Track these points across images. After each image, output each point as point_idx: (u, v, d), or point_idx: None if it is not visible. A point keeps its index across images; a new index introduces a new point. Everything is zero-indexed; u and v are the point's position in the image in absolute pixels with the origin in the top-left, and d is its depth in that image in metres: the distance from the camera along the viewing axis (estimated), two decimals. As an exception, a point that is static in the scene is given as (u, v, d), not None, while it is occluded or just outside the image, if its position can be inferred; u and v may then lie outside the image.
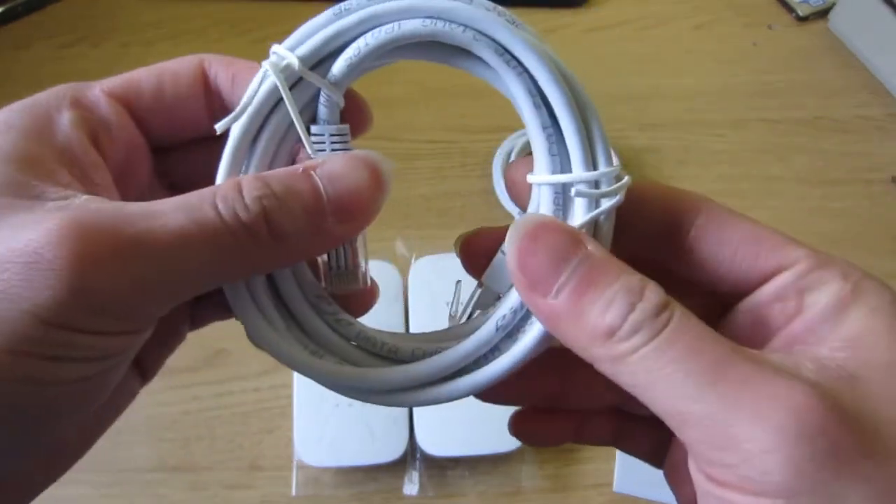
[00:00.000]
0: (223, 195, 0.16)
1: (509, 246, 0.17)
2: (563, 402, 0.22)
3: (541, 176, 0.19)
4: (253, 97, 0.18)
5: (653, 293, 0.15)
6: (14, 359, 0.14)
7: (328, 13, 0.19)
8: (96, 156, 0.18)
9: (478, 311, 0.22)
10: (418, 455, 0.43)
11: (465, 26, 0.18)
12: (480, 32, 0.18)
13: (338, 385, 0.20)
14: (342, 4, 0.19)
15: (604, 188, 0.18)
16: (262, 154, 0.19)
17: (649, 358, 0.15)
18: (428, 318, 0.44)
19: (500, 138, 0.57)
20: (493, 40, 0.19)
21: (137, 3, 0.70)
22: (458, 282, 0.22)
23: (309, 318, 0.20)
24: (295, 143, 0.20)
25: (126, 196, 0.19)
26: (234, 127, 0.19)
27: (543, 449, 0.44)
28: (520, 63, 0.19)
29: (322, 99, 0.19)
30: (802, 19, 0.69)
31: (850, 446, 0.13)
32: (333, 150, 0.20)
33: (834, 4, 0.68)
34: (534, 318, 0.19)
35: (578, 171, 0.18)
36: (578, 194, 0.18)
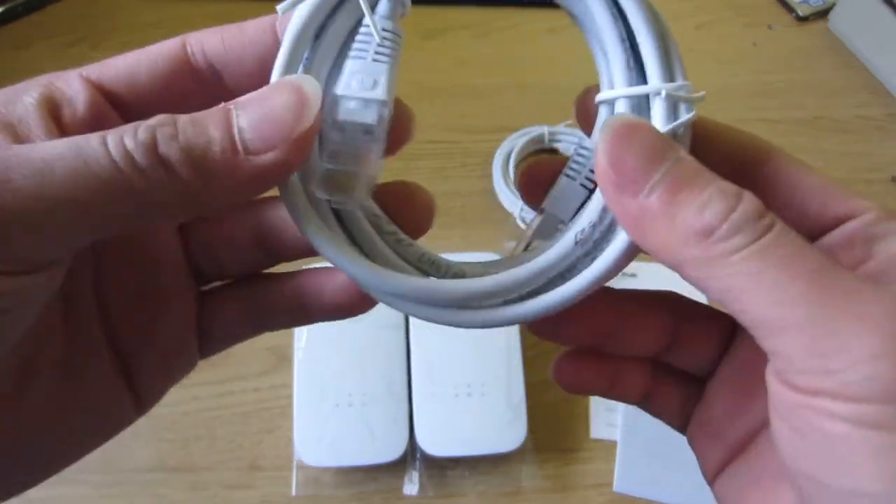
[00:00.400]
0: (117, 129, 0.14)
1: (600, 143, 0.16)
2: (610, 343, 0.21)
3: (618, 90, 0.18)
4: None
5: (751, 198, 0.15)
6: None
7: None
8: (45, 126, 0.17)
9: (537, 242, 0.20)
10: (418, 455, 0.43)
11: None
12: None
13: (400, 297, 0.18)
14: None
15: (684, 95, 0.18)
16: (325, 52, 0.18)
17: (752, 259, 0.14)
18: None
19: (500, 138, 0.57)
20: None
21: (137, 3, 0.70)
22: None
23: (369, 236, 0.19)
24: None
25: None
26: (290, 21, 0.18)
27: (543, 449, 0.44)
28: None
29: None
30: (802, 19, 0.69)
31: None
32: (381, 47, 0.19)
33: (834, 4, 0.68)
34: (614, 234, 0.18)
35: (656, 81, 0.18)
36: (664, 99, 0.17)
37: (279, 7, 0.18)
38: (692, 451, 0.21)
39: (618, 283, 0.22)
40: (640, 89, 0.18)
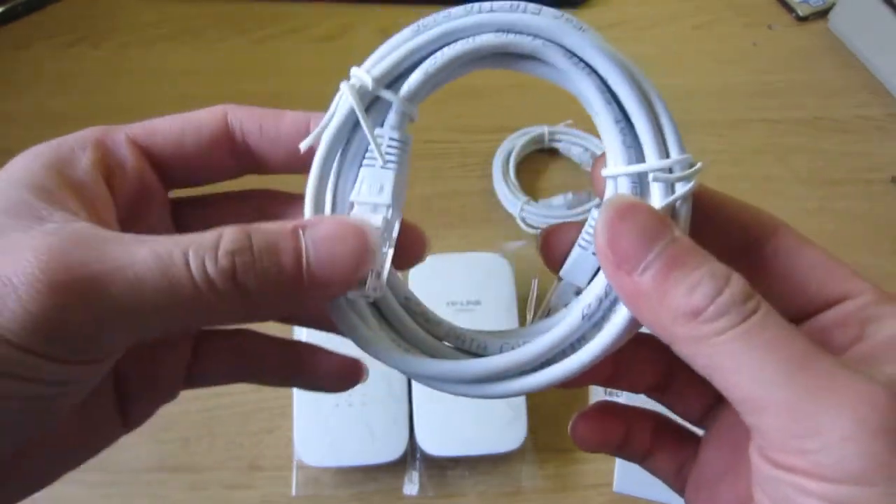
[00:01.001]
0: (197, 245, 0.16)
1: (599, 222, 0.17)
2: (615, 383, 0.23)
3: (617, 168, 0.19)
4: (332, 118, 0.20)
5: (739, 281, 0.16)
6: None
7: (409, 30, 0.21)
8: (106, 192, 0.18)
9: (555, 307, 0.22)
10: (418, 455, 0.43)
11: (535, 35, 0.20)
12: (549, 40, 0.20)
13: (432, 378, 0.21)
14: (421, 22, 0.21)
15: (678, 174, 0.19)
16: (346, 173, 0.21)
17: (736, 341, 0.15)
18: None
19: (500, 138, 0.57)
20: (562, 46, 0.20)
21: (137, 3, 0.70)
22: (534, 279, 0.24)
23: (400, 317, 0.22)
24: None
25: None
26: (320, 144, 0.20)
27: (543, 449, 0.44)
28: (588, 64, 0.20)
29: (394, 107, 0.21)
30: (802, 19, 0.69)
31: None
32: (388, 152, 0.21)
33: (834, 4, 0.68)
34: (618, 307, 0.19)
35: (652, 160, 0.19)
36: (656, 179, 0.19)
37: (301, 145, 0.20)
38: None
39: None
40: (637, 168, 0.19)
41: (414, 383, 0.42)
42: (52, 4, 0.69)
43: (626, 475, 0.43)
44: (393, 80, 0.21)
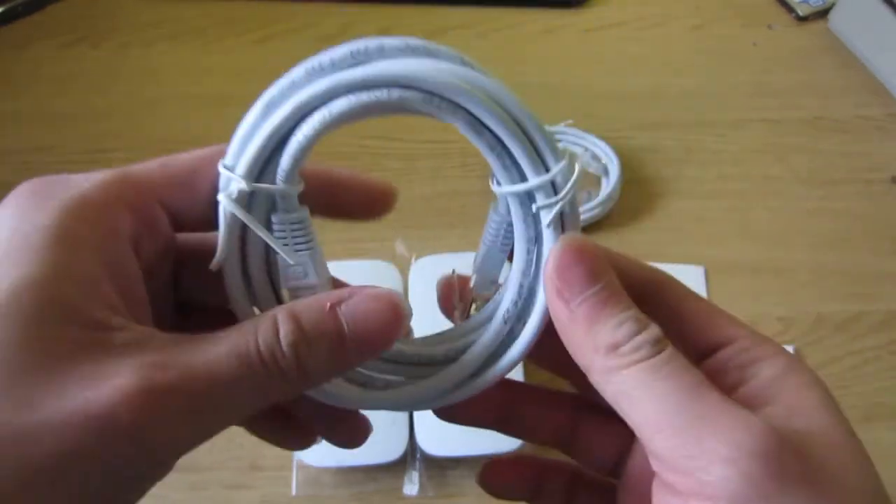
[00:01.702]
0: (264, 341, 0.17)
1: (552, 253, 0.20)
2: (510, 429, 0.25)
3: (504, 188, 0.22)
4: (226, 231, 0.20)
5: (655, 328, 0.19)
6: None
7: (255, 111, 0.21)
8: (137, 269, 0.18)
9: (478, 299, 0.25)
10: (418, 455, 0.43)
11: (388, 87, 0.19)
12: (406, 86, 0.19)
13: (396, 406, 0.23)
14: (265, 98, 0.21)
15: (560, 183, 0.21)
16: (258, 274, 0.21)
17: (644, 372, 0.17)
18: (428, 317, 0.44)
19: (500, 138, 0.57)
20: (419, 90, 0.19)
21: (137, 3, 0.70)
22: (454, 271, 0.26)
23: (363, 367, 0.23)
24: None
25: (148, 301, 0.19)
26: (226, 263, 0.21)
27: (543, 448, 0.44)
28: (451, 101, 0.20)
29: (277, 197, 0.21)
30: (802, 19, 0.69)
31: (795, 471, 0.16)
32: (294, 237, 0.21)
33: (834, 4, 0.68)
34: (533, 308, 0.22)
35: (532, 179, 0.21)
36: (540, 208, 0.21)
37: (211, 267, 0.20)
38: None
39: None
40: (519, 187, 0.21)
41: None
42: (52, 4, 0.69)
43: None
44: (262, 166, 0.20)
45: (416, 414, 0.42)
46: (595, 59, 0.66)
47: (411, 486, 0.42)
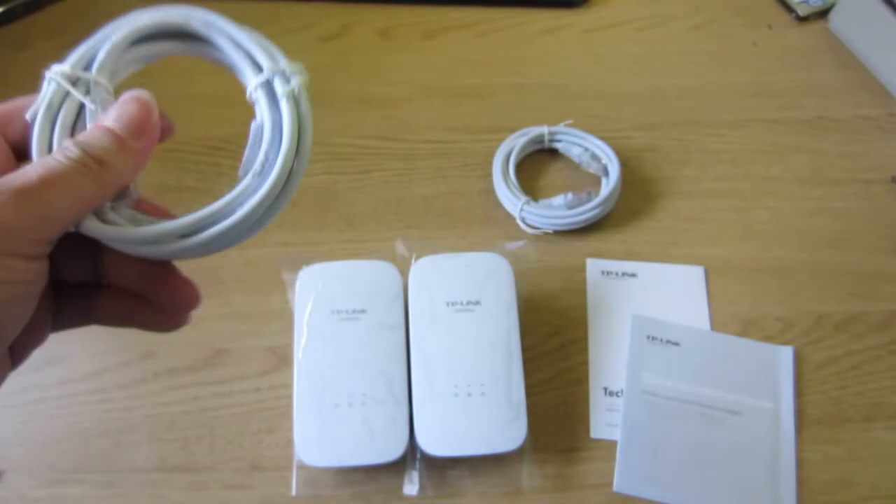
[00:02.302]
0: (58, 150, 0.25)
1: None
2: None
3: (252, 81, 0.31)
4: (44, 97, 0.28)
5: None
6: None
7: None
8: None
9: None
10: (418, 455, 0.43)
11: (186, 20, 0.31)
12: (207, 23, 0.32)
13: (113, 240, 0.26)
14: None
15: (289, 73, 0.31)
16: (61, 130, 0.27)
17: None
18: (428, 317, 0.44)
19: (500, 138, 0.57)
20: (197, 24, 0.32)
21: (137, 4, 0.70)
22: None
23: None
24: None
25: None
26: (37, 119, 0.27)
27: (543, 449, 0.44)
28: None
29: (92, 81, 0.29)
30: (802, 19, 0.69)
31: None
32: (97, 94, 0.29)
33: (834, 4, 0.68)
34: (270, 173, 0.29)
35: (267, 66, 0.31)
36: (276, 76, 0.30)
37: (27, 115, 0.28)
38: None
39: (618, 281, 0.52)
40: (262, 77, 0.30)
41: (414, 383, 0.42)
42: (52, 4, 0.69)
43: (626, 475, 0.43)
44: (85, 65, 0.30)
45: (416, 414, 0.42)
46: (595, 59, 0.66)
47: (411, 486, 0.42)
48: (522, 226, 0.53)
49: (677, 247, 0.53)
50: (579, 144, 0.56)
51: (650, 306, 0.50)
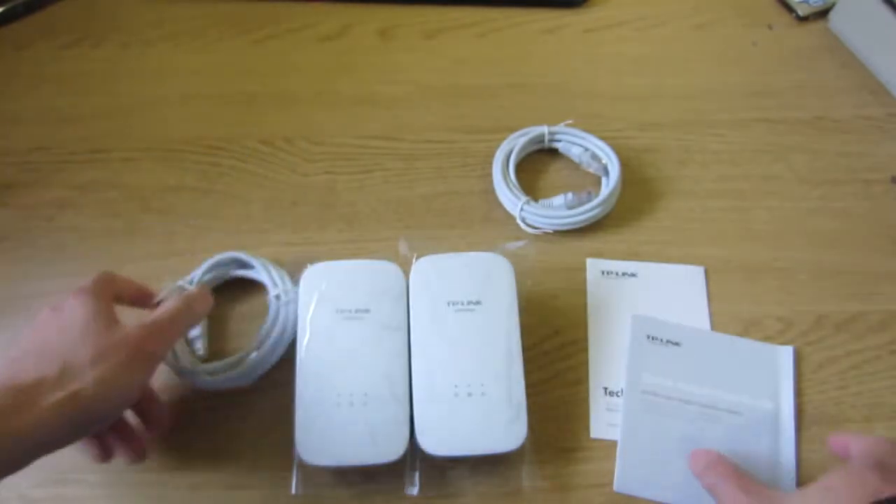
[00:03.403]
0: (177, 299, 0.43)
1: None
2: None
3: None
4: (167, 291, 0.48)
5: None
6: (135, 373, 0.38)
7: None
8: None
9: None
10: (418, 455, 0.42)
11: None
12: None
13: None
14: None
15: (288, 288, 0.48)
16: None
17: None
18: (429, 316, 0.44)
19: (500, 138, 0.57)
20: None
21: (137, 3, 0.70)
22: None
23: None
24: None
25: None
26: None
27: (543, 449, 0.44)
28: None
29: None
30: (802, 19, 0.69)
31: None
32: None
33: (834, 4, 0.68)
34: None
35: (279, 287, 0.48)
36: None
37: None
38: None
39: (619, 281, 0.52)
40: (276, 290, 0.48)
41: (415, 383, 0.42)
42: (52, 4, 0.69)
43: (627, 475, 0.43)
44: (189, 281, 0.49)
45: (416, 414, 0.42)
46: (595, 59, 0.66)
47: (411, 486, 0.42)
48: (522, 226, 0.53)
49: (677, 247, 0.53)
50: (579, 144, 0.56)
51: (650, 306, 0.50)
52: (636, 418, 0.45)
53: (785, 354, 0.48)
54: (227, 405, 0.46)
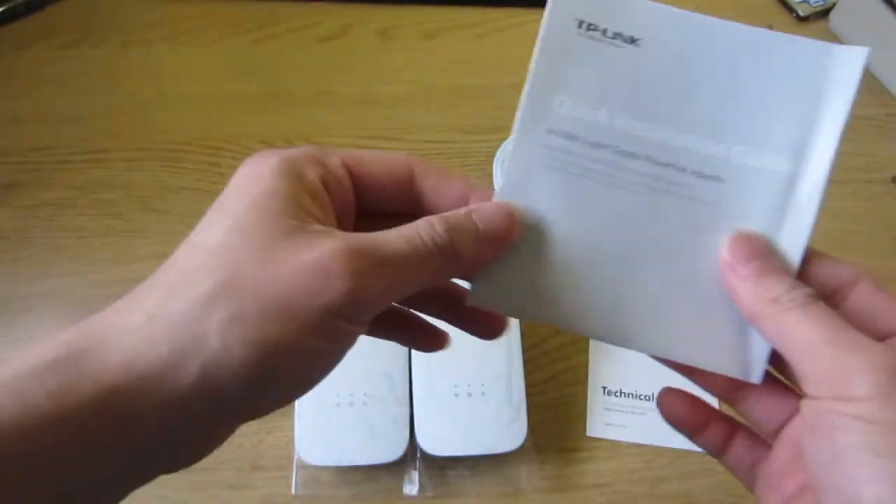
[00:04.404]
0: (425, 229, 0.24)
1: (727, 240, 0.25)
2: (694, 376, 0.28)
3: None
4: None
5: (807, 287, 0.24)
6: (307, 338, 0.21)
7: None
8: (328, 201, 0.24)
9: None
10: (418, 455, 0.43)
11: None
12: None
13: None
14: None
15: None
16: None
17: (798, 312, 0.23)
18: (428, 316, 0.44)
19: (500, 138, 0.57)
20: None
21: (137, 3, 0.70)
22: None
23: None
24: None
25: None
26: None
27: (543, 449, 0.44)
28: None
29: None
30: (803, 19, 0.69)
31: None
32: None
33: (834, 4, 0.68)
34: None
35: None
36: None
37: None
38: (760, 500, 0.27)
39: None
40: None
41: (415, 383, 0.42)
42: (52, 4, 0.69)
43: (490, 279, 0.27)
44: None
45: (416, 414, 0.42)
46: (595, 59, 0.66)
47: (411, 486, 0.42)
48: (522, 226, 0.53)
49: (677, 247, 0.53)
50: (579, 144, 0.56)
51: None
52: (528, 180, 0.27)
53: (847, 59, 0.27)
54: (227, 405, 0.46)
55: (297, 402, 0.42)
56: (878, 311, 0.25)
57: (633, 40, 0.26)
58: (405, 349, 0.43)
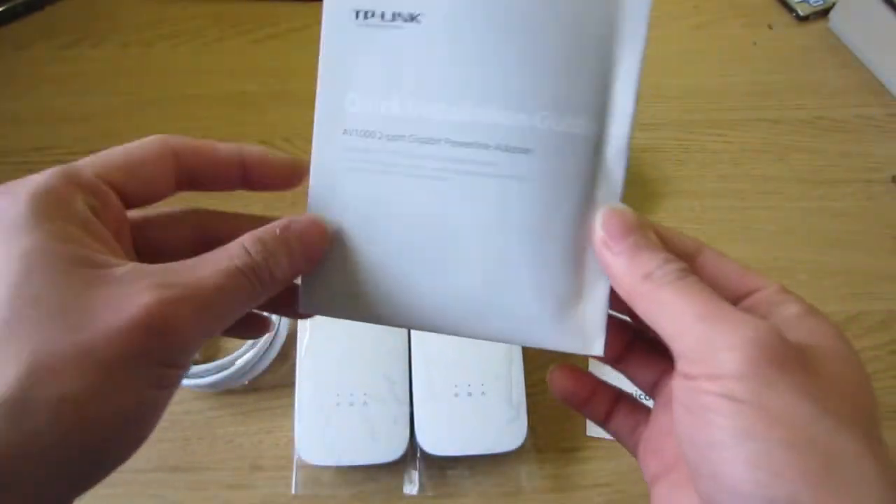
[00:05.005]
0: (239, 255, 0.22)
1: (600, 215, 0.24)
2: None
3: None
4: None
5: (679, 261, 0.23)
6: (143, 395, 0.21)
7: None
8: (101, 226, 0.22)
9: None
10: (418, 455, 0.43)
11: None
12: None
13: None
14: None
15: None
16: None
17: (670, 288, 0.22)
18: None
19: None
20: None
21: (137, 3, 0.70)
22: None
23: None
24: None
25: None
26: None
27: (543, 449, 0.44)
28: None
29: None
30: (802, 19, 0.69)
31: (792, 359, 0.20)
32: None
33: (834, 4, 0.68)
34: None
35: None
36: None
37: None
38: (640, 465, 0.27)
39: None
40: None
41: (415, 383, 0.42)
42: (52, 4, 0.69)
43: (315, 287, 0.26)
44: None
45: (416, 414, 0.42)
46: (595, 59, 0.66)
47: (411, 486, 0.42)
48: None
49: (677, 247, 0.53)
50: (579, 144, 0.56)
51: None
52: (335, 188, 0.26)
53: (633, 4, 0.25)
54: (226, 405, 0.46)
55: (297, 402, 0.42)
56: (728, 275, 0.24)
57: (412, 17, 0.24)
58: (405, 349, 0.43)
